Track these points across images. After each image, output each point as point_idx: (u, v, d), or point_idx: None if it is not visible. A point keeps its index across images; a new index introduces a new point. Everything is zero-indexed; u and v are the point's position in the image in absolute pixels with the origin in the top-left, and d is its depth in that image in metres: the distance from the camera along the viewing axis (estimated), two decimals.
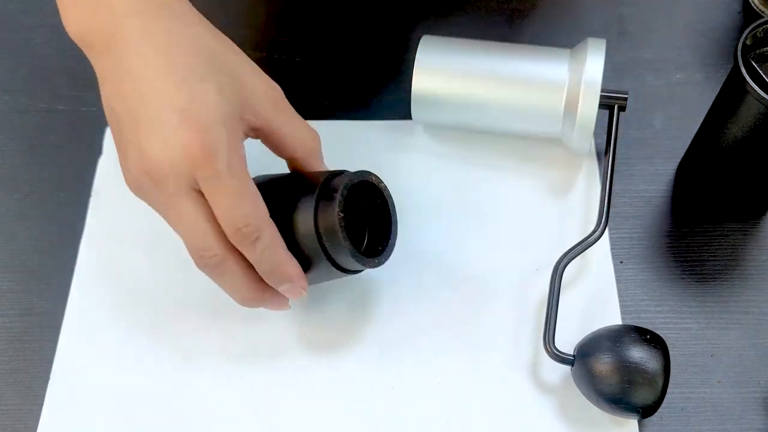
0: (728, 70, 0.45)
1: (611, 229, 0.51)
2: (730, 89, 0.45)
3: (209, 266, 0.41)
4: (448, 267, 0.50)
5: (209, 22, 0.43)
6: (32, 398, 0.47)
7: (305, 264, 0.43)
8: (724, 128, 0.46)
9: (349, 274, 0.44)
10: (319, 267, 0.43)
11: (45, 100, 0.58)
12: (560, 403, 0.46)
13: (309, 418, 0.46)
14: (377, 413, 0.46)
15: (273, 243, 0.41)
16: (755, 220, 0.51)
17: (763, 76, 0.42)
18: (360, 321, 0.48)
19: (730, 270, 0.50)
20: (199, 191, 0.40)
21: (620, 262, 0.50)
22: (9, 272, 0.51)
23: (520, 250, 0.50)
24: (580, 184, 0.53)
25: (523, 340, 0.47)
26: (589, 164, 0.53)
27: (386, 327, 0.48)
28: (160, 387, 0.47)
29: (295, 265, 0.42)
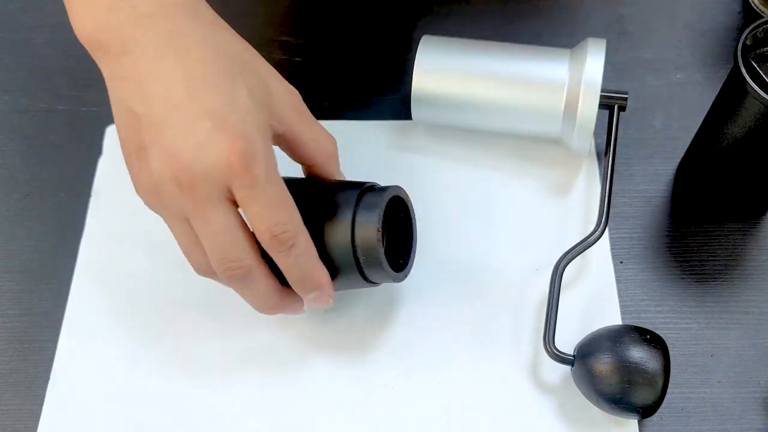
0: (728, 70, 0.45)
1: (611, 229, 0.51)
2: (730, 89, 0.44)
3: (235, 278, 0.40)
4: (448, 267, 0.50)
5: (226, 23, 0.42)
6: (32, 398, 0.47)
7: (331, 273, 0.42)
8: (724, 128, 0.46)
9: (371, 285, 0.44)
10: (346, 277, 0.43)
11: (45, 100, 0.58)
12: (560, 403, 0.46)
13: (309, 417, 0.46)
14: (377, 413, 0.46)
15: (307, 250, 0.40)
16: (755, 220, 0.51)
17: (763, 76, 0.42)
18: (359, 321, 0.48)
19: (730, 270, 0.50)
20: (230, 199, 0.38)
21: (620, 262, 0.50)
22: (9, 272, 0.51)
23: (520, 250, 0.50)
24: (580, 184, 0.53)
25: (523, 340, 0.47)
26: (589, 164, 0.53)
27: (386, 327, 0.48)
28: (159, 387, 0.47)
29: (325, 273, 0.42)
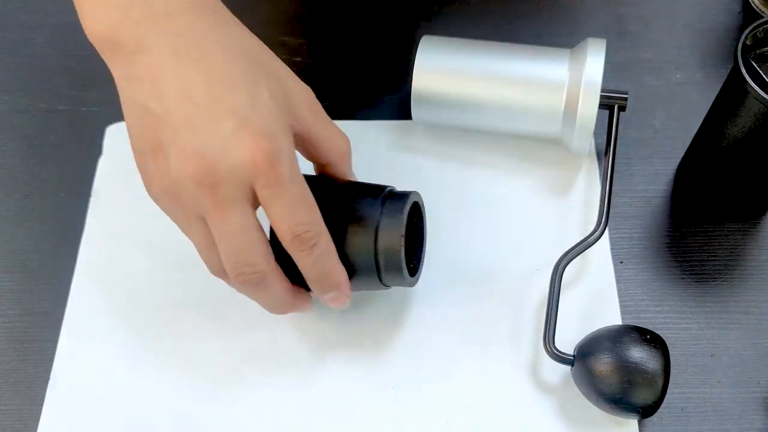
0: (728, 70, 0.45)
1: (611, 229, 0.51)
2: (730, 89, 0.44)
3: (249, 283, 0.40)
4: (447, 267, 0.50)
5: (240, 22, 0.41)
6: (32, 398, 0.47)
7: (348, 274, 0.42)
8: (724, 128, 0.46)
9: (383, 288, 0.45)
10: (362, 279, 0.43)
11: (45, 100, 0.58)
12: (560, 403, 0.45)
13: (309, 417, 0.46)
14: (377, 413, 0.46)
15: (328, 250, 0.40)
16: (755, 220, 0.51)
17: (763, 76, 0.42)
18: (359, 321, 0.48)
19: (730, 270, 0.50)
20: (250, 200, 0.38)
21: (620, 262, 0.50)
22: (9, 272, 0.51)
23: (520, 250, 0.50)
24: (580, 184, 0.53)
25: (523, 340, 0.47)
26: (589, 164, 0.53)
27: (385, 327, 0.48)
28: (159, 387, 0.47)
29: (344, 274, 0.42)
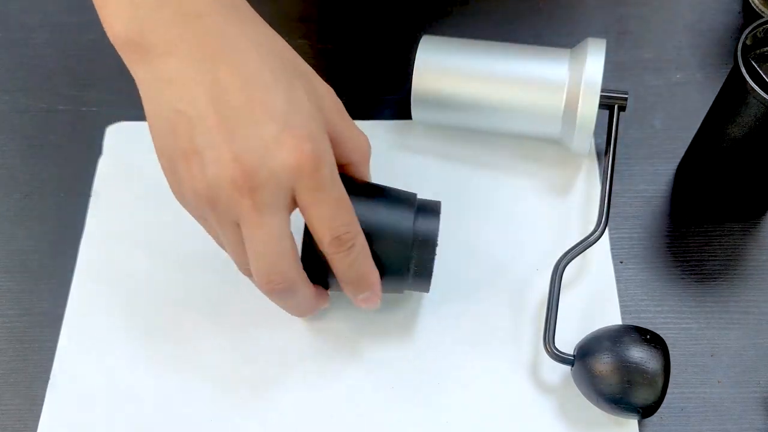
0: (728, 70, 0.45)
1: (611, 229, 0.51)
2: (730, 89, 0.44)
3: (276, 291, 0.40)
4: (447, 267, 0.50)
5: (265, 22, 0.41)
6: (32, 398, 0.47)
7: None
8: (724, 128, 0.46)
9: (398, 292, 0.45)
10: (386, 283, 0.43)
11: (45, 100, 0.58)
12: (560, 403, 0.45)
13: (309, 416, 0.46)
14: (377, 413, 0.46)
15: (364, 251, 0.40)
16: (755, 220, 0.51)
17: (763, 76, 0.42)
18: (359, 321, 0.48)
19: (730, 270, 0.50)
20: (288, 206, 0.38)
21: (620, 262, 0.50)
22: (9, 272, 0.51)
23: (520, 250, 0.50)
24: (580, 184, 0.53)
25: (523, 340, 0.47)
26: (589, 164, 0.53)
27: (385, 327, 0.48)
28: (159, 387, 0.47)
29: (377, 275, 0.42)
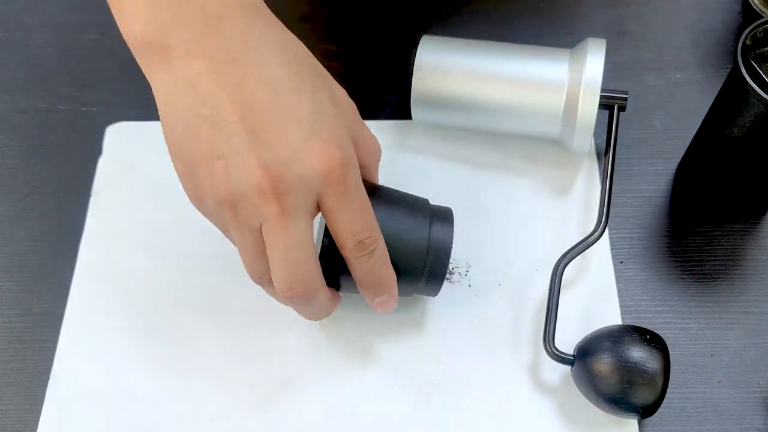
0: (728, 70, 0.45)
1: (611, 229, 0.51)
2: (730, 89, 0.44)
3: (299, 298, 0.39)
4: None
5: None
6: (32, 398, 0.47)
7: None
8: (724, 128, 0.46)
9: (407, 296, 0.45)
10: (398, 288, 0.43)
11: (45, 100, 0.58)
12: (560, 403, 0.46)
13: (308, 416, 0.46)
14: (377, 413, 0.46)
15: (384, 255, 0.40)
16: (755, 220, 0.51)
17: (763, 76, 0.42)
18: (359, 322, 0.48)
19: (730, 270, 0.50)
20: (313, 212, 0.37)
21: (620, 262, 0.50)
22: (9, 272, 0.51)
23: (520, 250, 0.50)
24: (580, 184, 0.53)
25: (523, 340, 0.47)
26: (589, 164, 0.53)
27: (385, 327, 0.48)
28: (159, 387, 0.47)
29: (395, 278, 0.42)
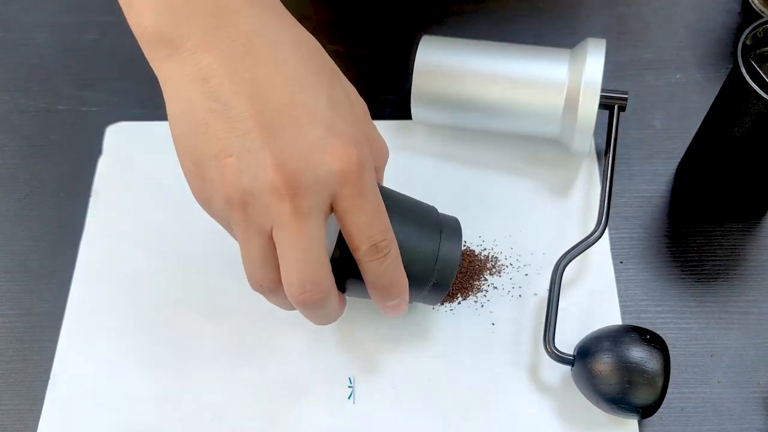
0: (728, 70, 0.45)
1: (611, 229, 0.51)
2: (730, 89, 0.44)
3: (311, 301, 0.38)
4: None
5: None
6: (32, 398, 0.47)
7: None
8: (724, 128, 0.46)
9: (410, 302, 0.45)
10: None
11: (45, 100, 0.58)
12: (560, 403, 0.46)
13: (308, 417, 0.46)
14: (377, 413, 0.46)
15: (397, 259, 0.40)
16: (755, 220, 0.51)
17: (763, 76, 0.42)
18: (358, 322, 0.48)
19: (730, 270, 0.50)
20: (327, 212, 0.36)
21: (620, 262, 0.50)
22: (9, 272, 0.51)
23: (520, 250, 0.50)
24: (580, 184, 0.53)
25: (523, 340, 0.47)
26: (589, 164, 0.53)
27: (385, 328, 0.48)
28: (159, 387, 0.47)
29: (406, 281, 0.41)
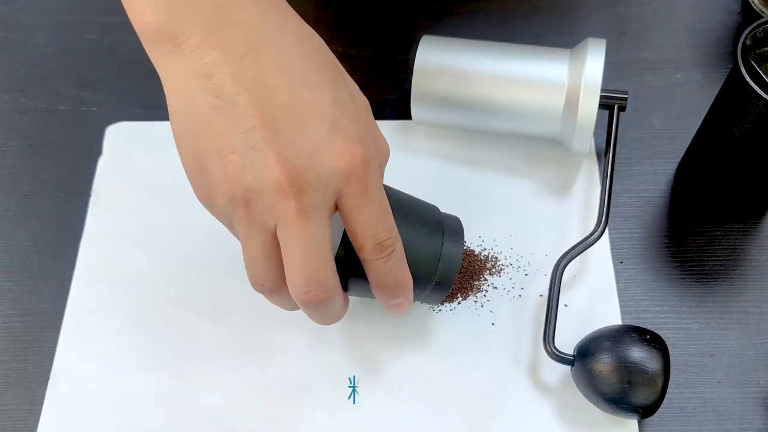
0: (728, 70, 0.45)
1: (611, 229, 0.51)
2: (730, 89, 0.44)
3: (315, 300, 0.37)
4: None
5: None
6: (32, 398, 0.47)
7: None
8: (724, 128, 0.46)
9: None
10: None
11: (45, 100, 0.58)
12: (560, 403, 0.46)
13: (309, 417, 0.46)
14: (377, 413, 0.46)
15: (402, 257, 0.39)
16: (755, 220, 0.51)
17: (763, 76, 0.42)
18: (359, 322, 0.48)
19: (730, 270, 0.50)
20: (331, 210, 0.36)
21: (620, 262, 0.50)
22: (9, 272, 0.51)
23: (520, 250, 0.50)
24: (580, 184, 0.53)
25: (523, 340, 0.47)
26: (589, 164, 0.53)
27: (385, 328, 0.48)
28: (159, 387, 0.47)
29: (411, 280, 0.41)
